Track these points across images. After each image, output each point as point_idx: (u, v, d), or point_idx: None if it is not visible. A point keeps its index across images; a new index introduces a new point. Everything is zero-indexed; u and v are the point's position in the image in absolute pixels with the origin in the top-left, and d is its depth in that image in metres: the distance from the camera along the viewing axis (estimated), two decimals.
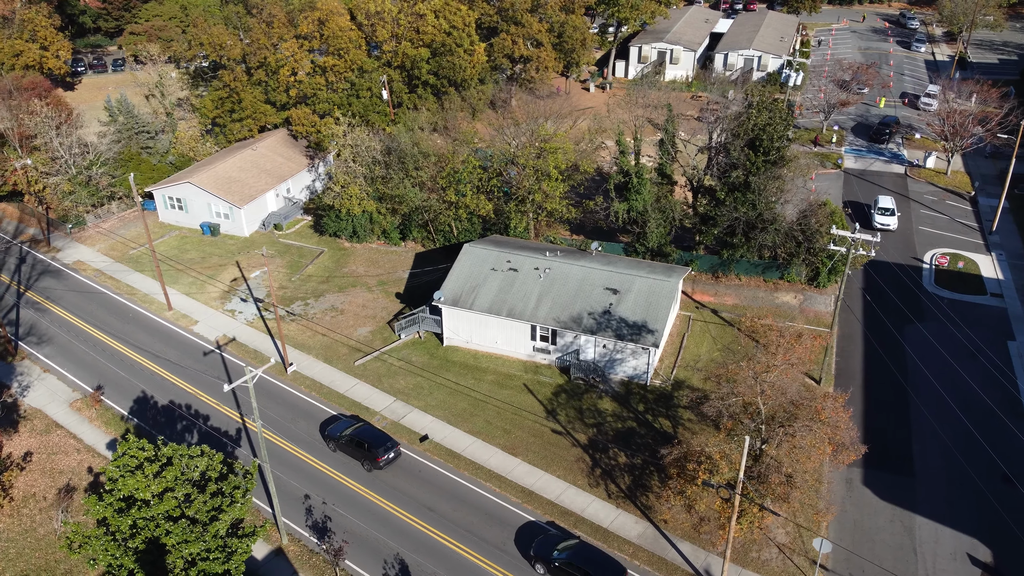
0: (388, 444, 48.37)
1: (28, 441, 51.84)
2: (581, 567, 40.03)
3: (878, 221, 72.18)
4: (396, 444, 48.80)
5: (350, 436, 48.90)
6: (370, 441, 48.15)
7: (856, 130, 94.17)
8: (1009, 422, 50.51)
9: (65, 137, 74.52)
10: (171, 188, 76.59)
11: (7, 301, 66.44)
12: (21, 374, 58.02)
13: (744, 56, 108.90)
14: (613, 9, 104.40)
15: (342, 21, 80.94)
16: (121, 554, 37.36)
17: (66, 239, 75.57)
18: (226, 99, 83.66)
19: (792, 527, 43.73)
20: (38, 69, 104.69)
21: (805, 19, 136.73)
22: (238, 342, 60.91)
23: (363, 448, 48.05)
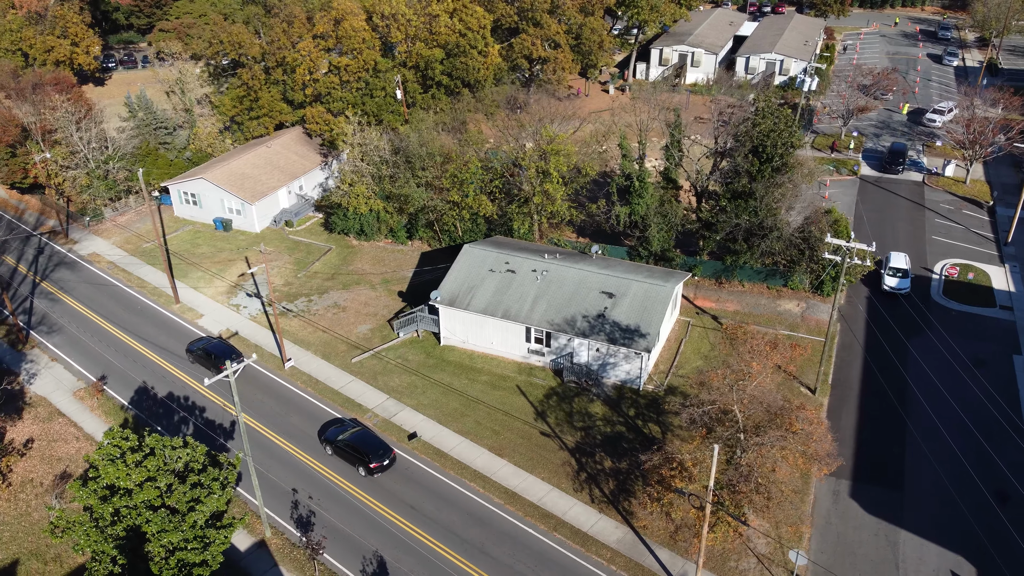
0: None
1: (31, 428, 53.29)
2: (357, 447, 48.05)
3: (888, 284, 63.69)
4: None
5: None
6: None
7: (873, 138, 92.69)
8: (1008, 439, 49.48)
9: (84, 132, 76.28)
10: (186, 183, 78.07)
11: (23, 291, 68.31)
12: (30, 362, 59.64)
13: (766, 60, 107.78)
14: (633, 11, 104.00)
15: (356, 22, 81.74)
16: (102, 541, 38.29)
17: (84, 231, 77.44)
18: (244, 97, 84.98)
19: (773, 538, 43.33)
20: (68, 65, 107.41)
21: (833, 23, 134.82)
22: (240, 336, 61.93)
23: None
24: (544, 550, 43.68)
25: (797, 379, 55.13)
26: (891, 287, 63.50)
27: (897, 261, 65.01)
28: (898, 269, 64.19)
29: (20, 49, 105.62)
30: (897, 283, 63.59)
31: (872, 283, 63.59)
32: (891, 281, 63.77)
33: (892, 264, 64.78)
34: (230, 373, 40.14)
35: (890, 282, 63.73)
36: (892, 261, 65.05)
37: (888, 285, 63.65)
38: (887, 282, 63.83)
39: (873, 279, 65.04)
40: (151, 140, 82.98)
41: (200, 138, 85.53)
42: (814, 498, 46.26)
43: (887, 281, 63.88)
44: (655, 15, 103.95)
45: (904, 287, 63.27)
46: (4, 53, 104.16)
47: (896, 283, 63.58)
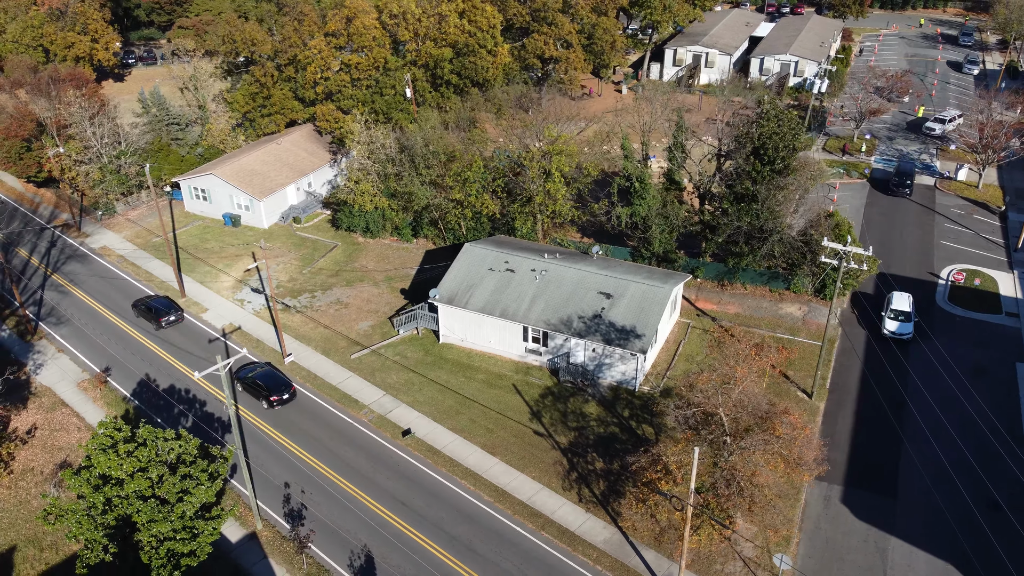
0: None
1: (34, 417, 54.33)
2: (260, 383, 53.78)
3: (888, 328, 57.89)
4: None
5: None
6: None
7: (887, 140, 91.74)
8: (1006, 447, 48.90)
9: (97, 127, 77.48)
10: (196, 179, 79.08)
11: (34, 283, 69.59)
12: (37, 352, 60.77)
13: (780, 61, 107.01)
14: (646, 11, 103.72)
15: (367, 20, 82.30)
16: (92, 529, 39.03)
17: (96, 225, 78.69)
18: (257, 94, 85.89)
19: (761, 541, 43.18)
20: (88, 61, 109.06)
21: (852, 24, 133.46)
22: (243, 331, 62.67)
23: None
24: (531, 549, 43.86)
25: (794, 383, 54.84)
26: (891, 332, 57.97)
27: (900, 302, 59.20)
28: (900, 312, 58.67)
29: (41, 45, 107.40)
30: (898, 327, 58.03)
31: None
32: (891, 325, 58.24)
33: (894, 306, 59.13)
34: (221, 367, 40.69)
35: (890, 326, 58.23)
36: (894, 302, 59.40)
37: (888, 330, 58.15)
38: (887, 326, 58.34)
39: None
40: (163, 136, 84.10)
41: (213, 134, 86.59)
42: (805, 503, 46.02)
43: (887, 325, 58.39)
44: (668, 15, 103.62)
45: (906, 332, 57.79)
46: (25, 49, 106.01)
47: (897, 327, 58.05)
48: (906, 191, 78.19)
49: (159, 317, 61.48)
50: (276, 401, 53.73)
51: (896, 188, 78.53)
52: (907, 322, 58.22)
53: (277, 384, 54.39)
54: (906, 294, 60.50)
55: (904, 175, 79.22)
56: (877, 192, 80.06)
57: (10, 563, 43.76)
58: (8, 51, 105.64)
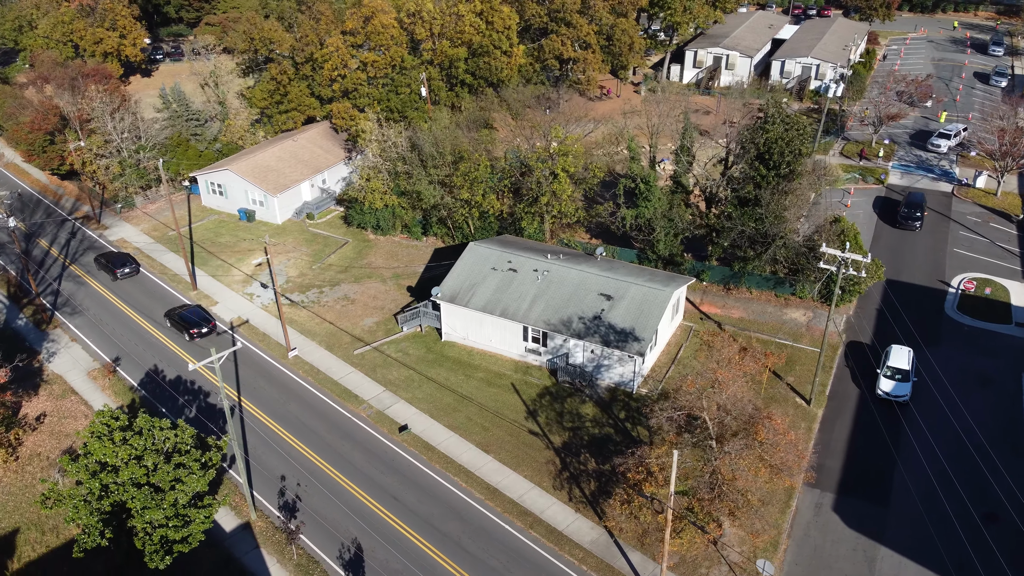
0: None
1: (44, 404, 55.80)
2: (183, 318, 61.31)
3: (882, 388, 52.17)
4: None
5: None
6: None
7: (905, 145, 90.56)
8: (1006, 459, 48.26)
9: (118, 122, 79.16)
10: (213, 174, 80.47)
11: (52, 273, 71.35)
12: (51, 341, 62.35)
13: (801, 64, 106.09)
14: (666, 13, 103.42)
15: (385, 19, 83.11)
16: (88, 514, 40.11)
17: (115, 218, 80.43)
18: (274, 91, 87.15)
19: (748, 546, 43.12)
20: (116, 56, 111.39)
21: (878, 28, 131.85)
22: (250, 324, 63.75)
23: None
24: (519, 547, 44.21)
25: (793, 389, 54.58)
26: (885, 393, 52.03)
27: (898, 358, 53.32)
28: (897, 370, 52.74)
29: (71, 40, 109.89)
30: (893, 388, 52.00)
31: (885, 294, 61.40)
32: (886, 385, 52.34)
33: (891, 362, 53.27)
34: (215, 359, 41.55)
35: (885, 386, 52.31)
36: (892, 358, 53.60)
37: (882, 390, 52.20)
38: (882, 385, 52.40)
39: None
40: (183, 131, 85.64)
41: (232, 130, 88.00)
42: (796, 509, 45.84)
43: (882, 384, 52.45)
44: (688, 17, 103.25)
45: (902, 394, 51.66)
46: (55, 44, 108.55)
47: (892, 388, 52.03)
48: (915, 224, 72.17)
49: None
50: (196, 334, 60.87)
51: (904, 221, 72.50)
52: (904, 382, 52.32)
53: (197, 320, 61.54)
54: (906, 349, 54.54)
55: (913, 207, 73.20)
56: (893, 197, 79.10)
57: (13, 544, 45.08)
58: (39, 46, 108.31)
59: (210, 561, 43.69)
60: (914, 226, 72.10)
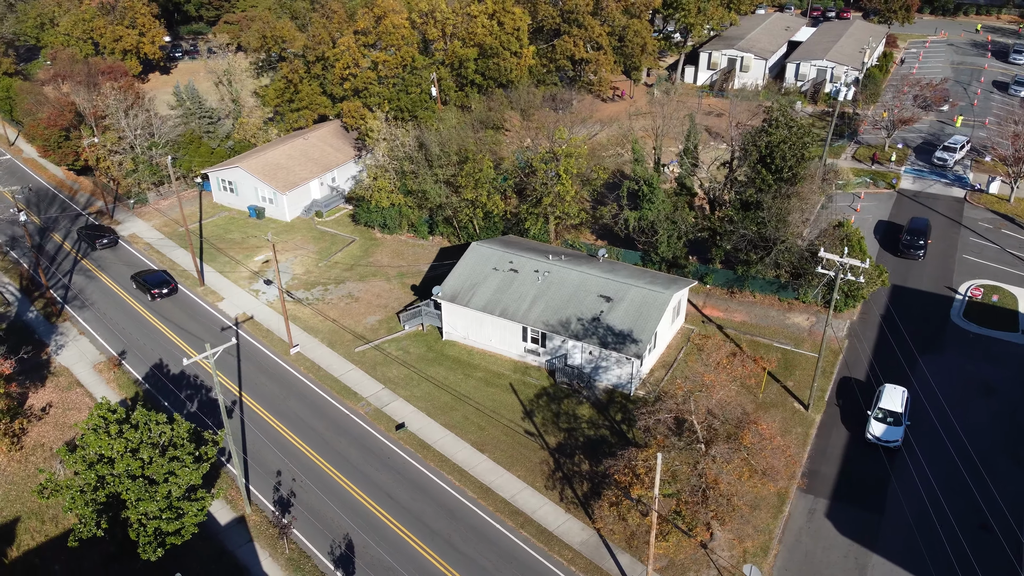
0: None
1: (50, 395, 56.79)
2: (147, 280, 67.05)
3: (872, 432, 48.96)
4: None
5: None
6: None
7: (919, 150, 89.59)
8: (1005, 468, 47.72)
9: (132, 119, 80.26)
10: (224, 171, 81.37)
11: (64, 267, 72.53)
12: (60, 334, 63.41)
13: (816, 67, 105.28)
14: (680, 15, 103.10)
15: (396, 19, 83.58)
16: (83, 505, 40.81)
17: (128, 213, 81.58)
18: (285, 89, 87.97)
19: (738, 551, 43.00)
20: (135, 54, 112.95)
21: (898, 30, 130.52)
22: (255, 321, 64.44)
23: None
24: (509, 547, 44.38)
25: (792, 394, 54.30)
26: (875, 437, 48.86)
27: (890, 400, 50.04)
28: (889, 412, 49.56)
29: (91, 38, 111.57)
30: (884, 432, 48.80)
31: (891, 300, 60.53)
32: (876, 429, 49.16)
33: (883, 404, 50.03)
34: (209, 354, 42.08)
35: (875, 430, 49.14)
36: (884, 399, 50.35)
37: (872, 434, 49.03)
38: (871, 429, 49.15)
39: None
40: (196, 128, 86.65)
41: (245, 128, 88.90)
42: (788, 515, 45.63)
43: (871, 428, 49.21)
44: (702, 18, 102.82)
45: (893, 439, 48.44)
46: (76, 42, 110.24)
47: (882, 432, 48.83)
48: (918, 253, 67.68)
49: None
50: (157, 294, 66.59)
51: (906, 250, 67.96)
52: (896, 426, 49.09)
53: (158, 282, 67.20)
54: (900, 389, 51.29)
55: (916, 234, 68.52)
56: (904, 203, 78.37)
57: (13, 533, 45.95)
58: (59, 43, 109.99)
59: (204, 554, 44.27)
60: (917, 255, 67.98)
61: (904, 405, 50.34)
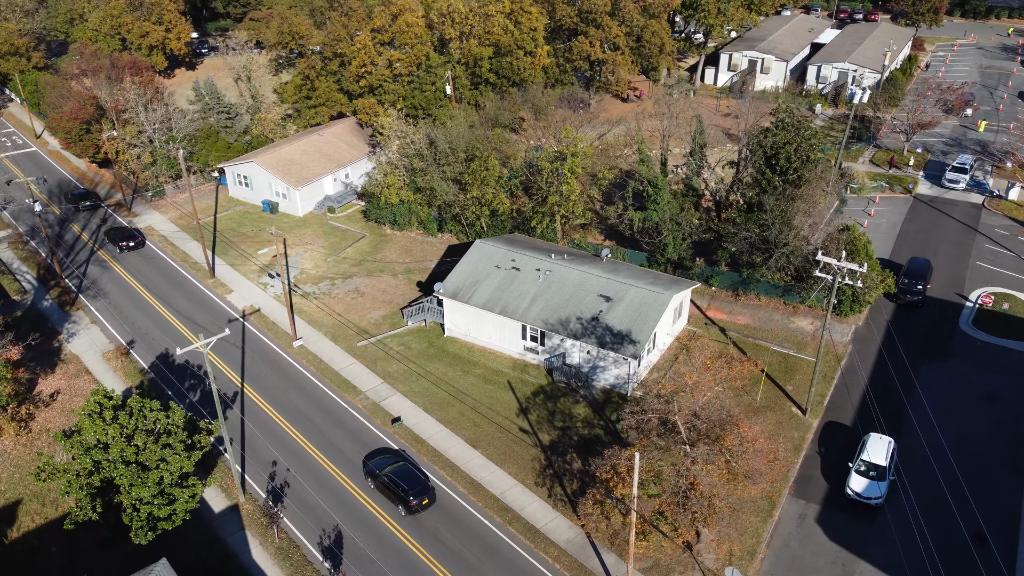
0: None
1: (59, 382, 58.11)
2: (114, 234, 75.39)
3: (852, 488, 45.03)
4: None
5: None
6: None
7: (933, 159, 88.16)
8: (1004, 478, 46.91)
9: (151, 113, 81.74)
10: (240, 166, 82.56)
11: (81, 257, 74.12)
12: (73, 322, 64.84)
13: (838, 69, 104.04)
14: (700, 15, 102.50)
15: (411, 17, 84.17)
16: (78, 489, 41.78)
17: (145, 206, 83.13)
18: (303, 86, 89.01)
19: (725, 554, 42.79)
20: (161, 49, 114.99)
21: (925, 33, 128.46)
22: (261, 313, 65.34)
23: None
24: (495, 542, 44.59)
25: (791, 398, 53.87)
26: (855, 493, 44.84)
27: (875, 451, 45.92)
28: (873, 465, 45.45)
29: (119, 33, 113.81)
30: (865, 488, 44.76)
31: (899, 306, 58.78)
32: (856, 484, 45.07)
33: (865, 455, 46.00)
34: (202, 345, 42.82)
35: (855, 484, 45.06)
36: (867, 450, 46.29)
37: (852, 489, 45.01)
38: (851, 484, 45.19)
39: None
40: (214, 123, 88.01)
41: (263, 124, 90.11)
42: (778, 519, 45.30)
43: (851, 482, 45.23)
44: (722, 19, 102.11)
45: (875, 496, 44.49)
46: (104, 37, 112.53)
47: (863, 488, 44.78)
48: (915, 298, 61.49)
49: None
50: (124, 246, 73.28)
51: (903, 295, 61.85)
52: (879, 480, 45.04)
53: (125, 236, 73.99)
54: (885, 439, 47.13)
55: (914, 277, 62.36)
56: (920, 208, 77.23)
57: (14, 514, 47.14)
58: (88, 38, 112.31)
59: (196, 540, 45.05)
60: (915, 300, 61.54)
61: (889, 457, 46.01)
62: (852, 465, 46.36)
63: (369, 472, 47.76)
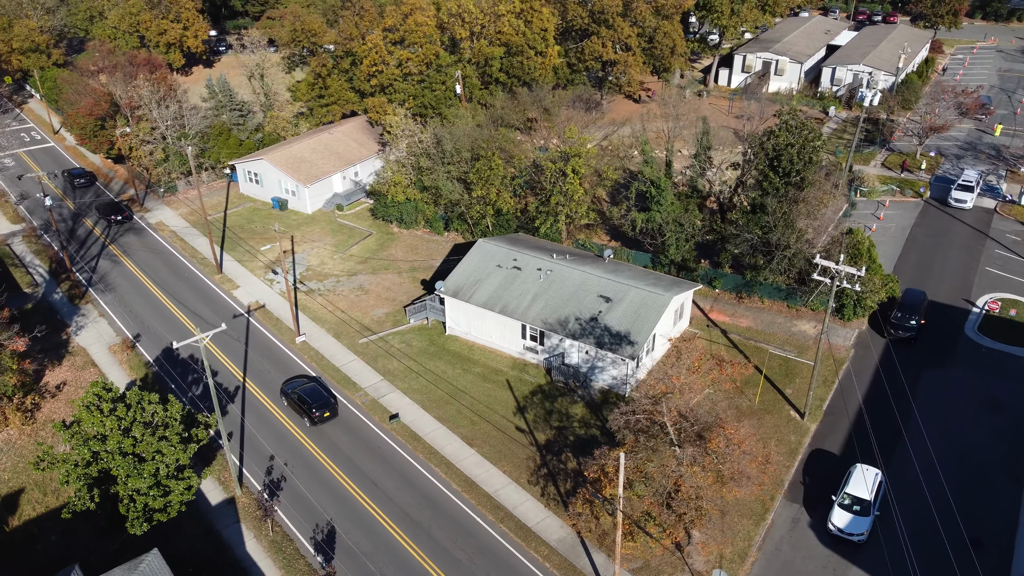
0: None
1: (66, 374, 59.04)
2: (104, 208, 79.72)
3: (834, 523, 42.90)
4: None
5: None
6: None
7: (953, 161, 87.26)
8: (1002, 485, 46.41)
9: (164, 110, 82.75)
10: (250, 163, 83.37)
11: (92, 251, 75.20)
12: (82, 315, 65.83)
13: (853, 71, 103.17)
14: (713, 16, 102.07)
15: (421, 17, 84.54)
16: (76, 479, 42.49)
17: (157, 202, 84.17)
18: (314, 84, 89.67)
19: (715, 555, 42.70)
20: (179, 47, 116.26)
21: (945, 36, 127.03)
22: (266, 309, 65.98)
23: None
24: (487, 540, 44.78)
25: (790, 401, 53.61)
26: (837, 528, 42.72)
27: (857, 485, 43.62)
28: (857, 499, 43.24)
29: (137, 31, 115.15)
30: (848, 523, 42.58)
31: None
32: (839, 518, 42.88)
33: (851, 488, 43.68)
34: (200, 338, 43.37)
35: (837, 519, 42.90)
36: (851, 483, 44.00)
37: (834, 523, 42.86)
38: (833, 518, 43.04)
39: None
40: (227, 120, 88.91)
41: (275, 121, 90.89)
42: (771, 523, 45.12)
43: (834, 516, 43.07)
44: (735, 20, 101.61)
45: (858, 532, 42.30)
46: (123, 34, 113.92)
47: (846, 523, 42.59)
48: (908, 334, 57.31)
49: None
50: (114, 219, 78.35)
51: (896, 330, 57.62)
52: (863, 515, 42.80)
53: (114, 210, 78.54)
54: (872, 471, 44.71)
55: (908, 311, 58.19)
56: (930, 212, 76.46)
57: (16, 503, 47.99)
58: (107, 36, 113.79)
59: (192, 531, 45.65)
60: (907, 336, 57.45)
61: (875, 491, 43.70)
62: (835, 498, 43.92)
63: (283, 392, 55.01)
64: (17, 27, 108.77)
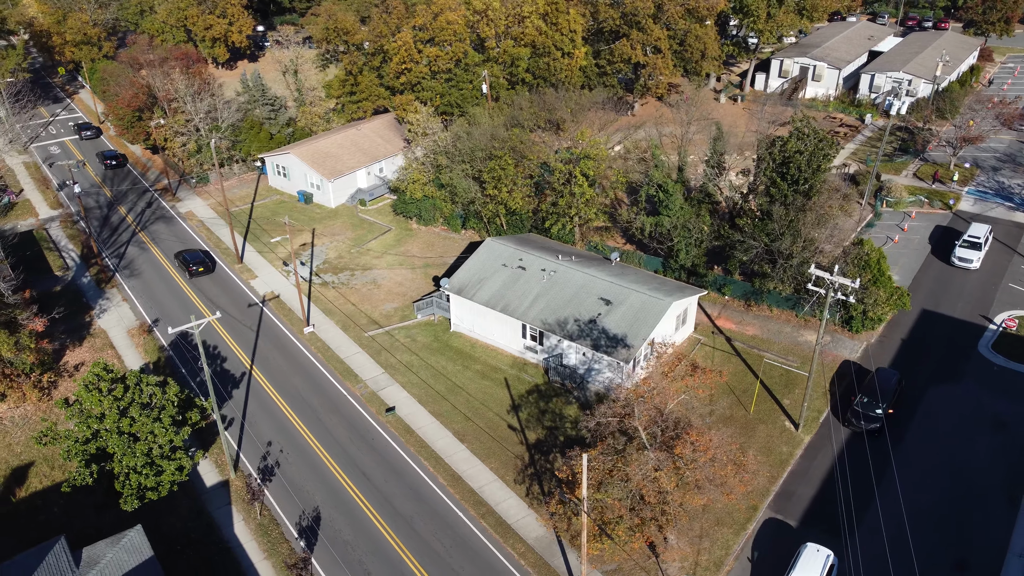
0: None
1: (85, 355, 61.52)
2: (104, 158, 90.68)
3: None
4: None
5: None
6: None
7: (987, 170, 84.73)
8: (997, 507, 45.23)
9: (198, 103, 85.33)
10: (279, 157, 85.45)
11: (123, 238, 78.06)
12: (106, 299, 68.46)
13: (892, 78, 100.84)
14: (749, 20, 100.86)
15: (451, 16, 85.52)
16: (75, 455, 44.44)
17: (189, 192, 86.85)
18: (346, 81, 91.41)
19: (691, 563, 42.63)
20: (224, 42, 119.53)
21: (995, 44, 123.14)
22: (280, 300, 67.68)
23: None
24: (466, 535, 45.42)
25: (786, 412, 53.03)
26: None
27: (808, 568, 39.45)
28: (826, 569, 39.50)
29: (184, 25, 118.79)
30: None
31: (916, 325, 56.75)
32: None
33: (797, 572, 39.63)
34: (194, 326, 44.88)
35: None
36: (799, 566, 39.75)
37: None
38: None
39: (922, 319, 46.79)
40: (259, 114, 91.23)
41: (307, 116, 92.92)
42: (752, 532, 44.79)
43: None
44: (771, 24, 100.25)
45: None
46: (171, 29, 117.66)
47: None
48: (873, 427, 49.11)
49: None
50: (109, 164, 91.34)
51: (855, 420, 49.74)
52: None
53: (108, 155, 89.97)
54: (823, 552, 40.52)
55: (875, 396, 50.54)
56: (958, 224, 74.50)
57: (25, 475, 50.32)
58: (156, 30, 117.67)
59: (184, 511, 47.29)
60: (870, 428, 49.36)
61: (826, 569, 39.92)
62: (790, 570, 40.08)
63: (175, 255, 72.58)
64: (71, 20, 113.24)
